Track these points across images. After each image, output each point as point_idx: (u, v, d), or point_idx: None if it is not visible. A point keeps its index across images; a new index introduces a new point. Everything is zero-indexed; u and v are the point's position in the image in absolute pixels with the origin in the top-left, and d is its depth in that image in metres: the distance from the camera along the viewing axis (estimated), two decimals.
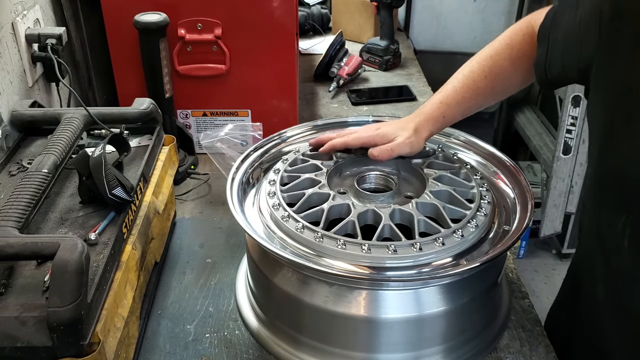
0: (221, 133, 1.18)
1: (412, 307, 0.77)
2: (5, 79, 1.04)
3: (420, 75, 1.92)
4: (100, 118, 0.97)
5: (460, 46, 2.73)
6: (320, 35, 2.16)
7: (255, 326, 0.90)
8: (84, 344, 0.65)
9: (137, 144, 1.02)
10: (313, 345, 0.83)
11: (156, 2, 1.22)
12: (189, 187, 1.28)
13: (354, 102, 1.70)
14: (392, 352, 0.80)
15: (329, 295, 0.78)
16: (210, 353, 0.87)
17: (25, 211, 0.74)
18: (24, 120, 0.99)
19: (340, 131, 0.99)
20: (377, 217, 0.82)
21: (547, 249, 2.82)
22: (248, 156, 0.98)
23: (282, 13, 1.25)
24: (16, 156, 0.96)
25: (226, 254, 1.07)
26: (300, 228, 0.80)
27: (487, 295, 0.84)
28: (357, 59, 1.81)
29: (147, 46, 1.19)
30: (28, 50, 1.12)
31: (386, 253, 0.76)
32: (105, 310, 0.71)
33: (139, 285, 0.86)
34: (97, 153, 0.80)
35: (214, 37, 1.26)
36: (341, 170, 0.96)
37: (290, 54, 1.31)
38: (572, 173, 2.38)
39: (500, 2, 2.64)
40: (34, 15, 1.16)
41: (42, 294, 0.70)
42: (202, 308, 0.95)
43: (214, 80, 1.31)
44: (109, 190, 0.80)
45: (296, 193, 0.88)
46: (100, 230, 0.80)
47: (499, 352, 0.87)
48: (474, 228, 0.81)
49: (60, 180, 0.90)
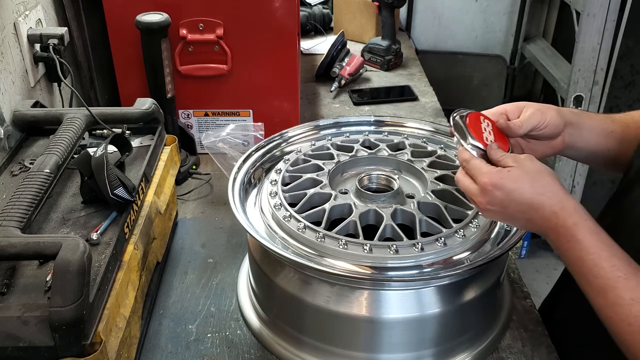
0: (223, 133, 1.18)
1: (413, 307, 0.77)
2: (8, 79, 1.04)
3: (421, 75, 1.91)
4: (102, 118, 0.97)
5: (462, 46, 2.73)
6: (321, 35, 2.16)
7: (257, 326, 0.90)
8: (85, 344, 0.65)
9: (138, 144, 1.02)
10: (315, 345, 0.83)
11: (158, 2, 1.22)
12: (190, 187, 1.28)
13: (355, 102, 1.70)
14: (393, 352, 0.80)
15: (331, 295, 0.78)
16: (212, 353, 0.87)
17: (27, 211, 0.74)
18: (26, 121, 0.99)
19: None
20: (378, 217, 0.82)
21: (549, 249, 2.81)
22: (249, 156, 0.98)
23: (283, 13, 1.25)
24: (18, 156, 0.97)
25: (228, 254, 1.07)
26: (301, 228, 0.81)
27: (488, 296, 0.84)
28: (358, 59, 1.81)
29: (149, 46, 1.19)
30: (30, 50, 1.12)
31: (388, 253, 0.76)
32: (107, 310, 0.71)
33: (140, 285, 0.86)
34: (99, 153, 0.81)
35: (216, 37, 1.26)
36: (343, 170, 0.96)
37: (292, 54, 1.31)
38: (574, 173, 2.37)
39: (501, 2, 2.64)
40: (36, 15, 1.16)
41: (44, 294, 0.71)
42: (203, 308, 0.95)
43: (215, 81, 1.31)
44: (111, 190, 0.80)
45: (298, 193, 0.88)
46: (102, 230, 0.80)
47: (500, 352, 0.86)
48: (475, 228, 0.81)
49: (62, 180, 0.90)
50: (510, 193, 0.70)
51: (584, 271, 0.67)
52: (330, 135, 1.06)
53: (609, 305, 0.64)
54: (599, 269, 0.65)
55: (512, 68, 2.73)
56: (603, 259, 0.65)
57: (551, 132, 0.81)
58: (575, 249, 0.67)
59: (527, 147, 0.83)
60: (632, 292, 0.63)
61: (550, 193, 0.69)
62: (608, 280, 0.64)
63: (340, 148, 0.99)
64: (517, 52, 2.69)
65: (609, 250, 0.66)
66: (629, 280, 0.63)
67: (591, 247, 0.66)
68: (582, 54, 2.14)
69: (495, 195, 0.70)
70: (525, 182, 0.70)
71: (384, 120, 1.09)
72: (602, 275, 0.65)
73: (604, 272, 0.65)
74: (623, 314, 0.63)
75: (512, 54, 2.71)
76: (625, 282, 0.63)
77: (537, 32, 2.71)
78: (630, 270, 0.64)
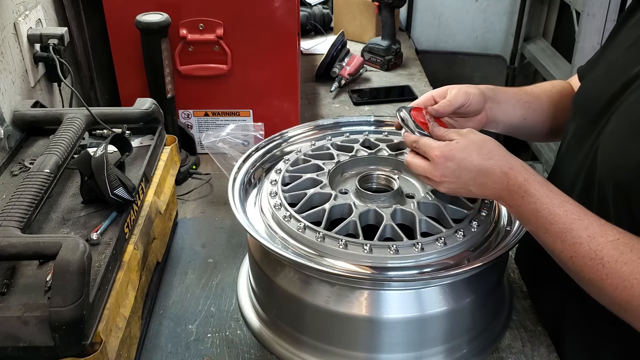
0: (223, 133, 1.18)
1: (413, 307, 0.77)
2: (8, 79, 1.04)
3: (422, 75, 1.91)
4: (102, 118, 0.97)
5: (462, 46, 2.73)
6: (321, 35, 2.16)
7: (257, 326, 0.90)
8: (85, 344, 0.65)
9: (138, 144, 1.02)
10: (315, 345, 0.83)
11: (158, 2, 1.22)
12: (190, 187, 1.28)
13: (355, 102, 1.70)
14: (393, 352, 0.80)
15: (331, 295, 0.78)
16: (212, 353, 0.87)
17: (27, 211, 0.74)
18: (26, 121, 0.99)
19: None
20: (378, 217, 0.82)
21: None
22: (249, 156, 0.98)
23: (283, 13, 1.25)
24: (18, 156, 0.97)
25: (228, 254, 1.07)
26: (301, 228, 0.81)
27: (488, 295, 0.84)
28: (358, 59, 1.81)
29: (149, 46, 1.19)
30: (30, 50, 1.12)
31: (388, 253, 0.76)
32: (107, 310, 0.71)
33: (140, 285, 0.86)
34: (99, 153, 0.81)
35: (216, 37, 1.26)
36: (343, 170, 0.96)
37: (292, 54, 1.31)
38: None
39: (501, 2, 2.64)
40: (36, 15, 1.16)
41: (44, 294, 0.71)
42: (203, 308, 0.95)
43: (215, 81, 1.31)
44: (111, 190, 0.80)
45: (298, 193, 0.88)
46: (102, 230, 0.80)
47: (500, 352, 0.86)
48: (475, 228, 0.81)
49: (62, 180, 0.90)
50: (461, 162, 0.75)
51: (540, 221, 0.72)
52: (330, 135, 1.06)
53: (568, 246, 0.69)
54: (554, 216, 0.70)
55: (512, 68, 2.73)
56: (556, 206, 0.71)
57: (475, 109, 0.88)
58: (530, 203, 0.72)
59: (458, 126, 0.88)
60: (588, 230, 0.68)
61: (498, 157, 0.75)
62: (564, 224, 0.70)
63: (340, 148, 0.99)
64: (517, 52, 2.70)
65: (560, 198, 0.72)
66: (583, 221, 0.69)
67: (544, 197, 0.72)
68: (582, 54, 2.14)
69: (447, 166, 0.75)
70: (473, 150, 0.75)
71: (384, 120, 1.09)
72: (557, 221, 0.70)
73: (559, 218, 0.70)
74: (583, 250, 0.68)
75: (512, 54, 2.71)
76: (580, 223, 0.69)
77: (537, 32, 2.71)
78: (582, 212, 0.70)
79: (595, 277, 0.67)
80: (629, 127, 0.73)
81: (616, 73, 0.78)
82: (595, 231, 0.68)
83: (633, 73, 0.75)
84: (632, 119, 0.73)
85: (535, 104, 0.95)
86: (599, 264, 0.66)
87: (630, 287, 0.64)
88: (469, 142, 0.76)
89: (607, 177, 0.74)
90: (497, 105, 0.91)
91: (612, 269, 0.65)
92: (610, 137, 0.75)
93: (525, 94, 0.96)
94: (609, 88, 0.78)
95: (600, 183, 0.76)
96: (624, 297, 0.65)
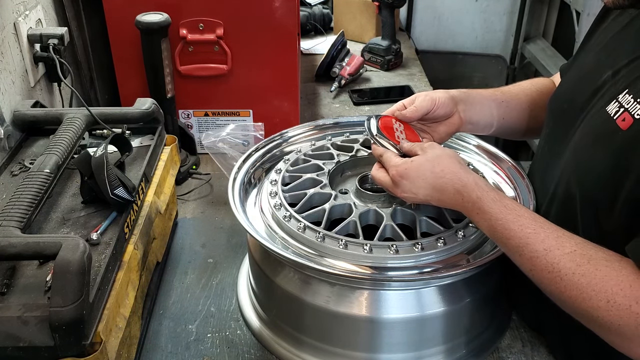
0: (223, 133, 1.18)
1: (413, 307, 0.77)
2: (7, 79, 1.04)
3: (422, 75, 1.91)
4: (102, 118, 0.97)
5: (462, 46, 2.73)
6: (321, 35, 2.16)
7: (257, 326, 0.90)
8: (85, 344, 0.65)
9: (138, 144, 1.02)
10: (314, 345, 0.83)
11: (158, 2, 1.22)
12: (190, 187, 1.28)
13: (355, 102, 1.70)
14: (393, 352, 0.80)
15: (331, 295, 0.78)
16: (212, 353, 0.87)
17: (27, 211, 0.74)
18: (26, 121, 0.99)
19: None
20: (378, 217, 0.82)
21: None
22: (249, 156, 0.98)
23: (283, 13, 1.25)
24: (18, 156, 0.97)
25: (228, 254, 1.07)
26: (301, 228, 0.81)
27: (488, 296, 0.84)
28: (358, 59, 1.81)
29: (149, 46, 1.19)
30: (30, 50, 1.12)
31: (388, 253, 0.76)
32: (107, 310, 0.71)
33: (140, 285, 0.86)
34: (99, 153, 0.81)
35: (216, 37, 1.26)
36: (343, 170, 0.96)
37: (292, 54, 1.31)
38: None
39: (501, 2, 2.64)
40: (36, 15, 1.16)
41: (44, 294, 0.71)
42: (203, 308, 0.95)
43: (215, 81, 1.31)
44: (111, 190, 0.80)
45: (298, 193, 0.88)
46: (102, 230, 0.80)
47: (500, 352, 0.86)
48: (475, 228, 0.81)
49: (62, 180, 0.90)
50: (415, 180, 0.77)
51: (497, 236, 0.73)
52: (330, 135, 1.06)
53: (527, 260, 0.70)
54: (509, 232, 0.71)
55: (512, 68, 2.73)
56: (510, 222, 0.71)
57: (445, 112, 0.90)
58: (485, 219, 0.73)
59: (432, 130, 0.92)
60: (544, 243, 0.68)
61: (450, 174, 0.76)
62: (520, 239, 0.70)
63: (340, 148, 0.99)
64: (517, 52, 2.69)
65: (514, 213, 0.72)
66: (538, 234, 0.69)
67: (497, 214, 0.72)
68: None
69: (404, 184, 0.78)
70: (426, 169, 0.77)
71: None
72: (513, 236, 0.70)
73: (514, 233, 0.70)
74: (541, 264, 0.68)
75: (512, 54, 2.70)
76: (536, 236, 0.69)
77: (537, 32, 2.71)
78: (537, 225, 0.70)
79: (554, 289, 0.67)
80: (593, 137, 0.73)
81: (587, 79, 0.78)
82: (552, 244, 0.68)
83: (601, 80, 0.75)
84: (595, 128, 0.73)
85: (514, 103, 0.96)
86: (556, 277, 0.66)
87: (589, 298, 0.64)
88: (424, 161, 0.78)
89: (575, 186, 0.74)
90: (471, 107, 0.92)
91: (569, 281, 0.65)
92: (578, 145, 0.75)
93: (501, 93, 0.97)
94: (580, 96, 0.78)
95: (569, 192, 0.76)
96: (584, 308, 0.64)
